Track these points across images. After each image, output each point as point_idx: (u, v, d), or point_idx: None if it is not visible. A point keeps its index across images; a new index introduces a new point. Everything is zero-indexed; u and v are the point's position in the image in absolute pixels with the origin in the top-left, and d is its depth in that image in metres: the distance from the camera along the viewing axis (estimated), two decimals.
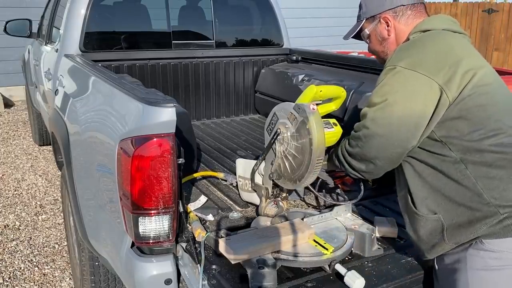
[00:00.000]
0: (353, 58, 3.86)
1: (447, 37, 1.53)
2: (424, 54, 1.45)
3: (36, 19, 4.97)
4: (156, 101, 1.65)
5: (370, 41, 1.74)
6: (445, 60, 1.42)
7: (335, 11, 10.20)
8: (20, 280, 2.95)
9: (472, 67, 1.42)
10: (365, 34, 1.73)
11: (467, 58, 1.45)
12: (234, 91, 3.97)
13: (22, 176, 4.64)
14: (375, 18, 1.67)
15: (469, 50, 1.51)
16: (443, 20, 1.60)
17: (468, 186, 1.39)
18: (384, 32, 1.66)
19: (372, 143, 1.47)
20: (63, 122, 2.49)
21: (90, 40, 3.26)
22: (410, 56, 1.46)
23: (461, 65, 1.41)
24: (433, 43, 1.48)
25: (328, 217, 1.85)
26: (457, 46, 1.49)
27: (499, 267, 1.37)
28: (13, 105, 7.61)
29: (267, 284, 1.47)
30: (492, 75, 1.48)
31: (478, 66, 1.44)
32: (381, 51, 1.71)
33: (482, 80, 1.42)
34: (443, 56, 1.43)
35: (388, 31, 1.65)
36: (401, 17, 1.62)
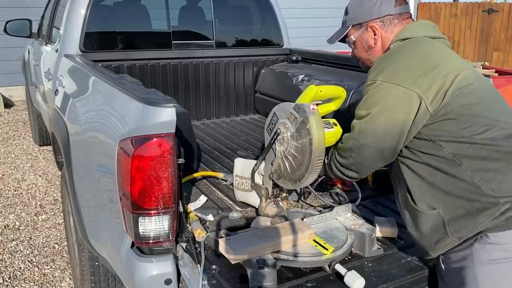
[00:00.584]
0: (353, 58, 3.87)
1: (425, 44, 1.56)
2: (401, 64, 1.49)
3: (36, 19, 4.97)
4: (156, 101, 1.65)
5: (355, 48, 1.77)
6: (422, 68, 1.46)
7: (335, 11, 10.19)
8: (20, 280, 2.95)
9: (450, 70, 1.46)
10: (351, 41, 1.76)
11: (445, 62, 1.49)
12: (234, 91, 3.97)
13: (22, 176, 4.64)
14: (362, 25, 1.70)
15: (446, 55, 1.54)
16: (421, 26, 1.64)
17: (465, 179, 1.41)
18: (370, 40, 1.70)
19: (363, 152, 1.57)
20: (63, 122, 2.49)
21: (90, 40, 3.26)
22: (387, 68, 1.50)
23: (438, 70, 1.45)
24: (410, 51, 1.53)
25: (328, 217, 1.85)
26: (434, 52, 1.52)
27: (506, 259, 1.38)
28: (13, 105, 7.61)
29: (267, 284, 1.47)
30: (472, 75, 1.51)
31: (457, 69, 1.47)
32: (366, 59, 1.76)
33: (463, 81, 1.45)
34: (420, 64, 1.47)
35: (375, 40, 1.69)
36: (388, 26, 1.66)
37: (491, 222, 1.38)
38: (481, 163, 1.39)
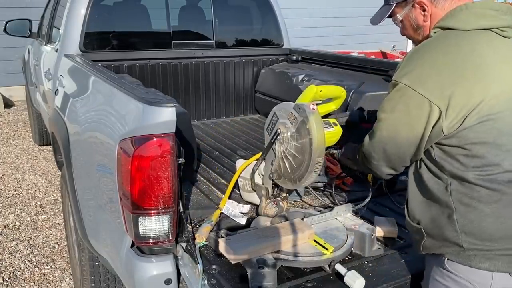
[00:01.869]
0: (353, 58, 3.87)
1: (468, 42, 1.29)
2: (429, 67, 1.28)
3: (36, 19, 4.96)
4: (156, 101, 1.65)
5: (403, 27, 1.53)
6: (452, 76, 1.24)
7: (335, 11, 10.20)
8: (20, 280, 2.95)
9: (486, 87, 1.22)
10: (397, 20, 1.52)
11: (484, 74, 1.23)
12: (234, 91, 3.97)
13: (22, 176, 4.64)
14: (408, 2, 1.45)
15: (492, 61, 1.26)
16: (476, 11, 1.32)
17: (446, 208, 1.32)
18: (419, 18, 1.44)
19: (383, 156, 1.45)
20: (63, 122, 2.49)
21: (90, 40, 3.26)
22: (414, 69, 1.30)
23: (469, 84, 1.22)
24: (444, 51, 1.29)
25: (328, 217, 1.85)
26: (475, 56, 1.26)
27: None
28: (13, 105, 7.61)
29: (267, 284, 1.47)
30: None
31: (498, 87, 1.23)
32: (414, 37, 1.52)
33: (494, 108, 1.22)
34: (451, 71, 1.25)
35: (425, 17, 1.43)
36: (439, 0, 1.40)
37: (453, 251, 1.32)
38: (468, 200, 1.28)
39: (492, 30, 1.31)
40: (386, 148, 1.42)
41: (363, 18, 10.66)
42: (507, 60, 1.29)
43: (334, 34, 10.13)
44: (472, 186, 1.27)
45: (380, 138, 1.42)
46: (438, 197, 1.34)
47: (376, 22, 1.59)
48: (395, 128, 1.36)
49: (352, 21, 10.38)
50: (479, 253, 1.27)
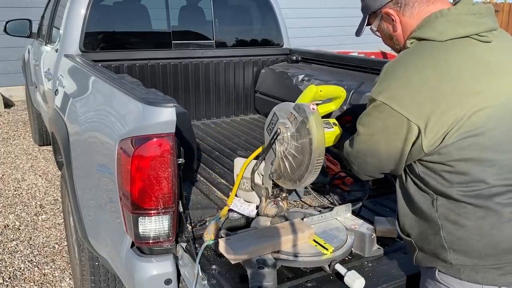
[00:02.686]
0: (353, 58, 3.86)
1: (444, 56, 1.22)
2: (406, 82, 1.22)
3: (36, 19, 4.97)
4: (156, 101, 1.65)
5: (381, 36, 1.51)
6: (429, 92, 1.18)
7: (335, 11, 10.20)
8: (20, 280, 2.95)
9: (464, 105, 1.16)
10: (373, 30, 1.50)
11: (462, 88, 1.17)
12: (234, 91, 3.97)
13: (22, 176, 4.64)
14: (377, 13, 1.42)
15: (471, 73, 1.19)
16: (453, 18, 1.25)
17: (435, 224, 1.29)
18: (389, 28, 1.42)
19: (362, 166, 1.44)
20: (63, 122, 2.49)
21: (90, 40, 3.26)
22: (391, 85, 1.25)
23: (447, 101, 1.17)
24: (420, 65, 1.23)
25: (328, 217, 1.85)
26: (453, 72, 1.19)
27: None
28: (13, 105, 7.61)
29: (267, 284, 1.47)
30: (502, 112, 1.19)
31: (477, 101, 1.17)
32: (393, 47, 1.49)
33: (476, 123, 1.16)
34: (428, 87, 1.18)
35: (394, 27, 1.40)
36: (405, 7, 1.34)
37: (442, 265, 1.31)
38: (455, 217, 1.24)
39: (471, 37, 1.24)
40: (366, 160, 1.39)
41: None
42: (488, 69, 1.21)
43: (334, 34, 10.13)
44: (458, 203, 1.23)
45: (359, 150, 1.39)
46: (425, 213, 1.30)
47: (357, 33, 1.58)
48: (373, 144, 1.32)
49: (352, 21, 10.34)
50: (468, 267, 1.25)
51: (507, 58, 1.25)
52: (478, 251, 1.23)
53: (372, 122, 1.30)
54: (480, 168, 1.19)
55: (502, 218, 1.20)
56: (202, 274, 1.58)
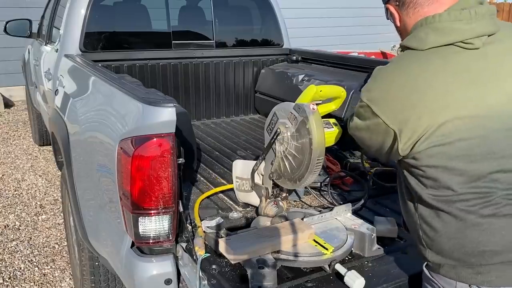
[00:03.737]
0: (353, 58, 3.87)
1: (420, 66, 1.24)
2: (387, 90, 1.27)
3: (36, 19, 4.97)
4: (156, 101, 1.65)
5: None
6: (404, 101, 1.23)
7: (335, 11, 10.20)
8: (20, 280, 2.95)
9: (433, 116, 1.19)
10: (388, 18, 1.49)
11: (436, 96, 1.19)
12: (234, 91, 3.97)
13: (22, 176, 4.64)
14: (385, 6, 1.46)
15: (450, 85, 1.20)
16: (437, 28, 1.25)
17: (414, 221, 1.36)
18: (395, 22, 1.43)
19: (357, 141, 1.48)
20: (63, 122, 2.49)
21: (90, 40, 3.26)
22: (375, 89, 1.30)
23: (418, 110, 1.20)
24: (399, 75, 1.27)
25: (328, 217, 1.85)
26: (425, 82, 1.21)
27: None
28: (13, 105, 7.61)
29: (267, 284, 1.47)
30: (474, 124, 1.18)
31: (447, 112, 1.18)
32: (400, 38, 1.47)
33: (444, 134, 1.19)
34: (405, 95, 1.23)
35: (395, 22, 1.43)
36: (402, 6, 1.36)
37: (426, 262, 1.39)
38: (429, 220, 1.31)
39: (455, 44, 1.22)
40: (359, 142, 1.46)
41: (363, 18, 10.68)
42: (467, 78, 1.20)
43: (334, 34, 10.13)
44: (431, 206, 1.28)
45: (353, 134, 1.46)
46: (410, 212, 1.37)
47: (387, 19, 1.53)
48: (361, 135, 1.40)
49: (352, 21, 10.39)
50: (445, 263, 1.31)
51: (494, 66, 1.22)
52: (448, 252, 1.29)
53: (359, 117, 1.37)
54: (448, 176, 1.22)
55: (466, 223, 1.24)
56: (202, 274, 1.58)
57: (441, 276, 1.32)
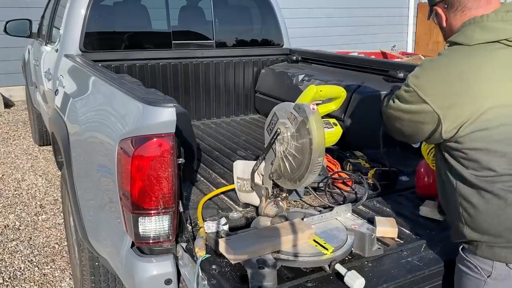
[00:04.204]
0: (353, 58, 3.87)
1: (468, 58, 1.36)
2: (435, 78, 1.39)
3: (36, 19, 4.96)
4: (156, 101, 1.65)
5: None
6: (451, 89, 1.35)
7: (335, 11, 10.20)
8: (20, 280, 2.95)
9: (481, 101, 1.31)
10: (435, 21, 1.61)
11: (480, 88, 1.32)
12: (234, 91, 3.97)
13: (22, 176, 4.64)
14: (432, 8, 1.58)
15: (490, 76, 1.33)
16: (483, 26, 1.38)
17: (454, 201, 1.47)
18: (441, 22, 1.55)
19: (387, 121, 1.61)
20: (63, 122, 2.49)
21: (90, 40, 3.26)
22: (424, 77, 1.41)
23: (466, 98, 1.32)
24: (448, 65, 1.39)
25: (328, 217, 1.85)
26: (472, 73, 1.34)
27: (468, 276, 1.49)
28: (13, 105, 7.61)
29: (267, 284, 1.47)
30: None
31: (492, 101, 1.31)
32: (443, 36, 1.59)
33: (488, 120, 1.31)
34: (450, 85, 1.35)
35: (441, 22, 1.55)
36: (450, 9, 1.48)
37: (465, 243, 1.50)
38: (471, 197, 1.41)
39: (500, 42, 1.35)
40: (391, 123, 1.58)
41: (363, 18, 10.68)
42: (509, 72, 1.33)
43: (334, 34, 10.13)
44: (472, 185, 1.39)
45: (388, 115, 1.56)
46: (450, 192, 1.48)
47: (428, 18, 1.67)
48: (399, 116, 1.50)
49: (352, 21, 10.38)
50: (482, 244, 1.42)
51: None
52: (487, 229, 1.40)
53: (402, 100, 1.47)
54: (489, 158, 1.34)
55: (506, 202, 1.36)
56: (202, 274, 1.58)
57: (478, 256, 1.44)
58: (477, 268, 1.44)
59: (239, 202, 2.12)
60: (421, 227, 1.91)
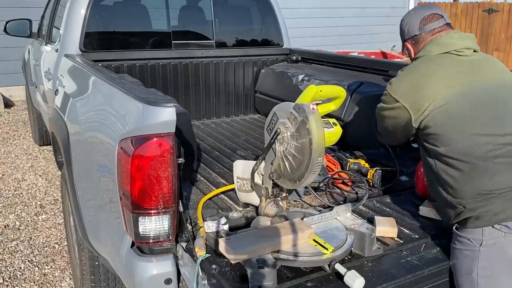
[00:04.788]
0: (353, 58, 3.87)
1: (425, 64, 1.83)
2: (403, 81, 1.83)
3: (36, 19, 4.97)
4: (156, 101, 1.65)
5: None
6: (413, 88, 1.78)
7: (335, 11, 10.20)
8: (20, 280, 2.95)
9: (432, 96, 1.71)
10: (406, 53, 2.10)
11: (435, 82, 1.74)
12: (234, 91, 3.97)
13: (22, 176, 4.65)
14: (404, 44, 2.05)
15: (438, 75, 1.76)
16: (437, 43, 1.86)
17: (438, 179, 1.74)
18: (410, 54, 2.02)
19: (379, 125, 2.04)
20: (63, 122, 2.49)
21: (90, 40, 3.26)
22: (395, 83, 1.86)
23: (424, 92, 1.73)
24: (412, 71, 1.86)
25: (328, 217, 1.85)
26: (428, 72, 1.78)
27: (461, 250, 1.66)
28: (13, 105, 7.61)
29: (267, 284, 1.47)
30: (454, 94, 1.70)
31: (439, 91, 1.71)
32: None
33: (440, 102, 1.70)
34: (413, 84, 1.79)
35: (410, 55, 2.03)
36: (417, 43, 1.95)
37: (455, 217, 1.68)
38: (445, 167, 1.69)
39: (451, 52, 1.80)
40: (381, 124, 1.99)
41: (363, 18, 10.68)
42: (460, 71, 1.76)
43: (334, 34, 10.13)
44: (445, 159, 1.68)
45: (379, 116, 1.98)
46: (432, 173, 1.76)
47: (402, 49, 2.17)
48: (384, 116, 1.92)
49: (352, 21, 10.38)
50: (471, 217, 1.62)
51: (478, 65, 1.80)
52: (470, 195, 1.63)
53: (383, 102, 1.92)
54: (450, 132, 1.67)
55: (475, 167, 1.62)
56: (202, 274, 1.58)
57: (469, 229, 1.63)
58: (470, 240, 1.61)
59: (239, 202, 2.13)
60: (420, 227, 1.91)
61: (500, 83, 1.76)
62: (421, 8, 1.98)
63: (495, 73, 1.79)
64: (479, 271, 1.60)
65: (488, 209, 1.59)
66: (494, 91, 1.73)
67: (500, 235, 1.58)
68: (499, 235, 1.58)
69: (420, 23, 1.92)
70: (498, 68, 1.83)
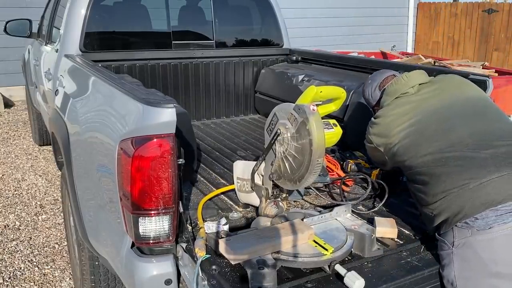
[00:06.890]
0: (353, 58, 3.87)
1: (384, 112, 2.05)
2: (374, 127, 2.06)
3: (36, 19, 4.96)
4: (156, 102, 1.65)
5: None
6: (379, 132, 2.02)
7: (335, 11, 10.20)
8: (20, 280, 2.95)
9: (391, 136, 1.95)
10: None
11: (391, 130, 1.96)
12: (234, 91, 3.97)
13: (22, 176, 4.65)
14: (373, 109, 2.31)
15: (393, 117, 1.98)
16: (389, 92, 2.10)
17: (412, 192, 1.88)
18: None
19: None
20: (63, 122, 2.49)
21: (90, 40, 3.26)
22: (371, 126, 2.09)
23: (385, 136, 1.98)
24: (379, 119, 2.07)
25: (328, 218, 1.85)
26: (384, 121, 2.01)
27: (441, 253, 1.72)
28: (13, 105, 7.61)
29: (267, 284, 1.47)
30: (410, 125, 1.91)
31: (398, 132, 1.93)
32: None
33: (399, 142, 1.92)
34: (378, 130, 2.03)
35: None
36: (380, 107, 2.15)
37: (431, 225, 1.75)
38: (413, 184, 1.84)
39: (398, 97, 2.03)
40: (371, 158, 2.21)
41: (363, 18, 10.68)
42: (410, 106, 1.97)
43: (334, 34, 10.13)
44: (411, 175, 1.84)
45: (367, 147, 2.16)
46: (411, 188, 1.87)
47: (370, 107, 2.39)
48: (370, 148, 2.12)
49: (352, 21, 10.38)
50: (444, 222, 1.68)
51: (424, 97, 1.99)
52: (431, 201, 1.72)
53: (367, 141, 2.11)
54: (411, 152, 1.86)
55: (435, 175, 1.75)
56: (202, 274, 1.58)
57: (443, 233, 1.69)
58: (445, 243, 1.68)
59: (239, 202, 2.13)
60: (420, 227, 1.91)
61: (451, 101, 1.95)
62: (375, 76, 2.29)
63: (445, 95, 1.99)
64: (456, 273, 1.64)
65: (450, 210, 1.65)
66: (445, 110, 1.91)
67: (467, 234, 1.61)
68: (466, 234, 1.62)
69: (378, 87, 2.24)
70: (451, 86, 2.02)
